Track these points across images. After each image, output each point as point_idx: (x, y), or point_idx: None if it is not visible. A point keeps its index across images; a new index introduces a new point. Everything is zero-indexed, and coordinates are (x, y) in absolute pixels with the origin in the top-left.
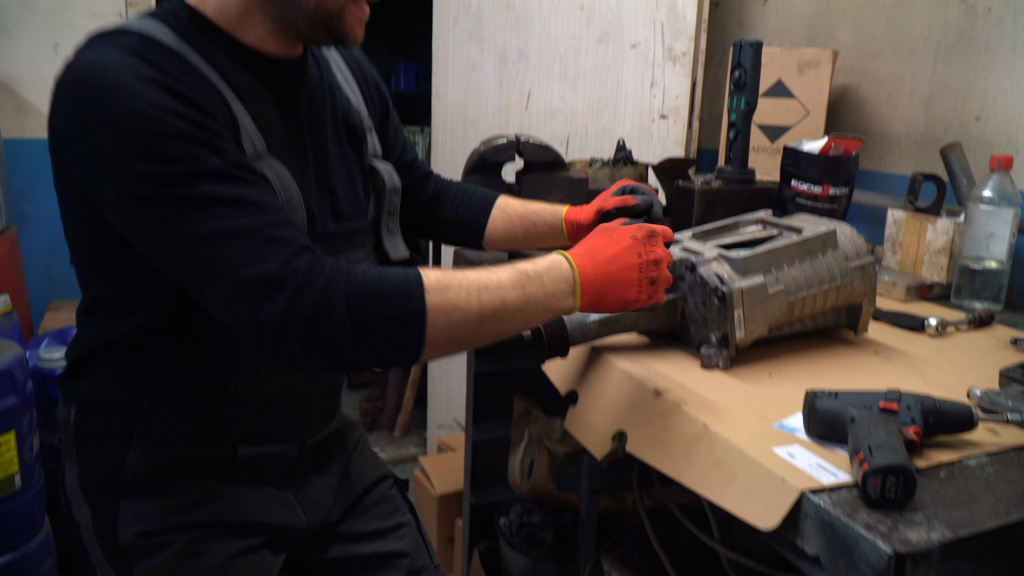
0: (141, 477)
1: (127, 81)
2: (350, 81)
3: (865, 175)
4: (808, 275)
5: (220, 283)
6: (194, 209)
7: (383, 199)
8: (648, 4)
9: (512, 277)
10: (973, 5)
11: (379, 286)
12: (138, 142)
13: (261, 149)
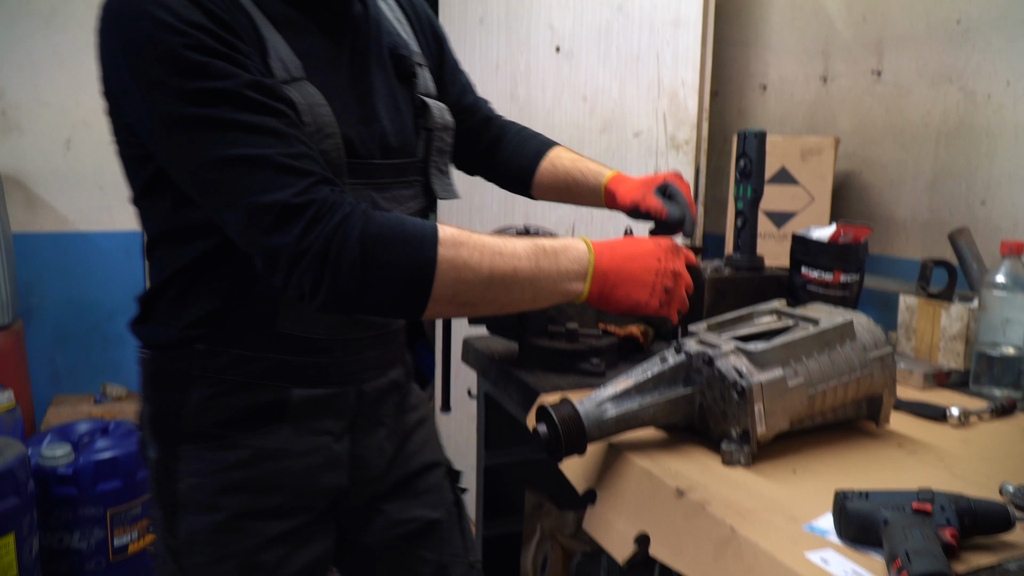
0: (199, 423)
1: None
2: (400, 19)
3: (872, 259)
4: (827, 367)
5: (238, 208)
6: (214, 131)
7: (432, 136)
8: (650, 94)
9: (528, 248)
10: (972, 92)
11: (394, 230)
12: (165, 56)
13: (297, 74)
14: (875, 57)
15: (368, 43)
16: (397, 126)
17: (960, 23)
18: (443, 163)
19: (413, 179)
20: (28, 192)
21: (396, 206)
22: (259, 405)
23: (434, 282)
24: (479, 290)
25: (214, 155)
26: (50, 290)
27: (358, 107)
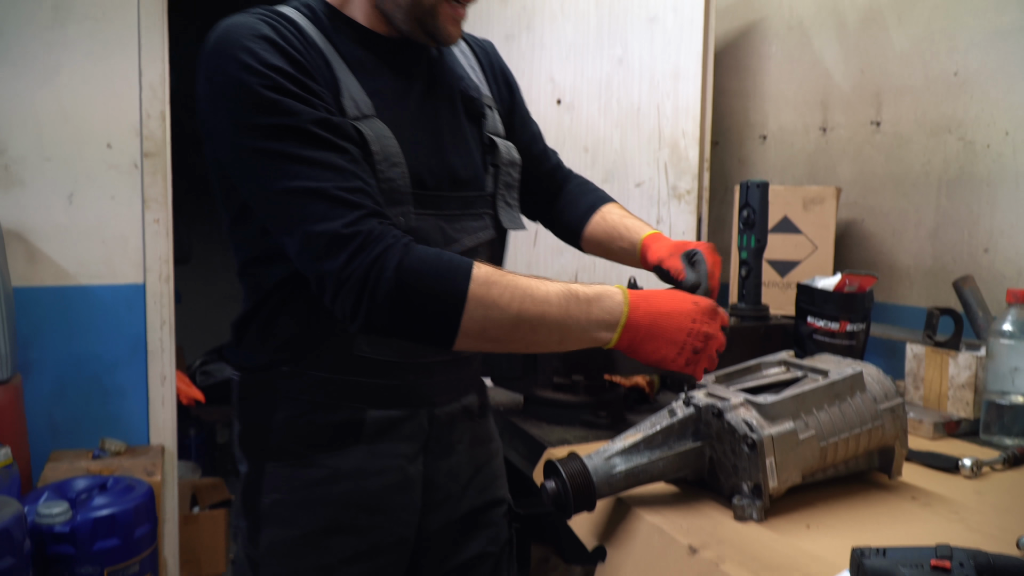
0: (283, 442)
1: (244, 38)
2: (473, 65)
3: (877, 307)
4: (838, 419)
5: (295, 235)
6: (280, 164)
7: (500, 172)
8: (651, 145)
9: (560, 293)
10: (972, 142)
11: (430, 264)
12: (245, 94)
13: (367, 111)
14: (874, 108)
15: (439, 84)
16: (465, 161)
17: (957, 75)
18: (511, 197)
19: (482, 211)
20: (29, 246)
21: (465, 236)
22: (337, 425)
23: (462, 317)
24: (506, 329)
25: (278, 186)
26: (50, 344)
27: (427, 142)
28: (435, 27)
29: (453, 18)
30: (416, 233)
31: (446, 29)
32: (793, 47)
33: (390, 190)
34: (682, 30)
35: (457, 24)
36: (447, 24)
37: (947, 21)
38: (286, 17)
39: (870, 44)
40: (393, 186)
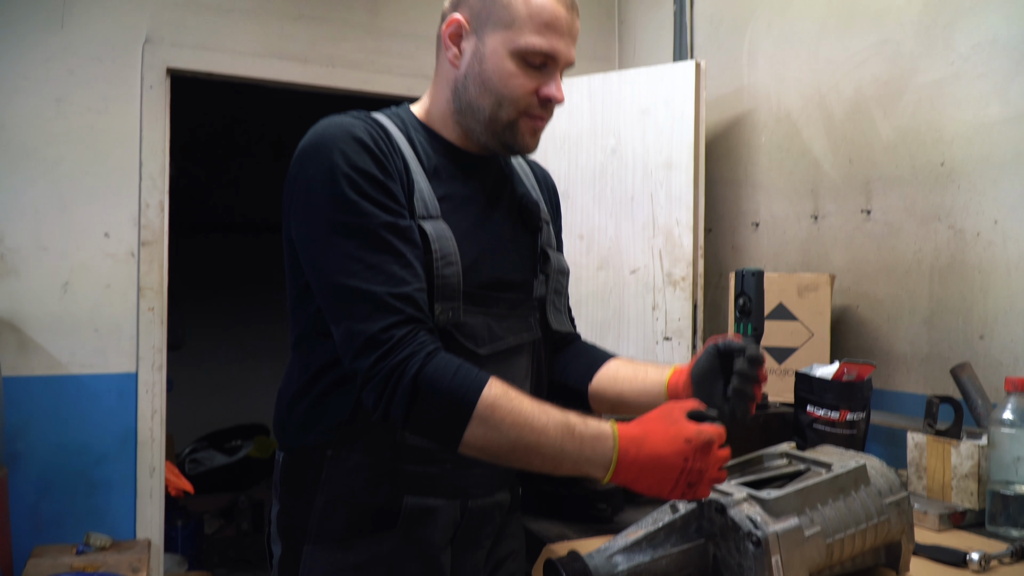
0: (323, 525)
1: (339, 139)
2: (532, 183)
3: (876, 394)
4: (844, 514)
5: (340, 327)
6: (341, 260)
7: (550, 279)
8: (645, 233)
9: (558, 426)
10: (961, 230)
11: (444, 378)
12: (328, 188)
13: (434, 212)
14: (863, 197)
15: (503, 195)
16: (518, 267)
17: (944, 165)
18: (559, 302)
19: (529, 314)
20: (21, 335)
21: (510, 335)
22: (376, 510)
23: (465, 431)
24: (503, 452)
25: (336, 280)
26: (38, 434)
27: (484, 246)
28: (514, 140)
29: (532, 130)
30: (464, 328)
31: (524, 141)
32: (782, 138)
33: (443, 285)
34: (673, 122)
35: (536, 136)
36: (526, 136)
37: (932, 113)
38: (378, 122)
39: (857, 135)
40: (447, 283)
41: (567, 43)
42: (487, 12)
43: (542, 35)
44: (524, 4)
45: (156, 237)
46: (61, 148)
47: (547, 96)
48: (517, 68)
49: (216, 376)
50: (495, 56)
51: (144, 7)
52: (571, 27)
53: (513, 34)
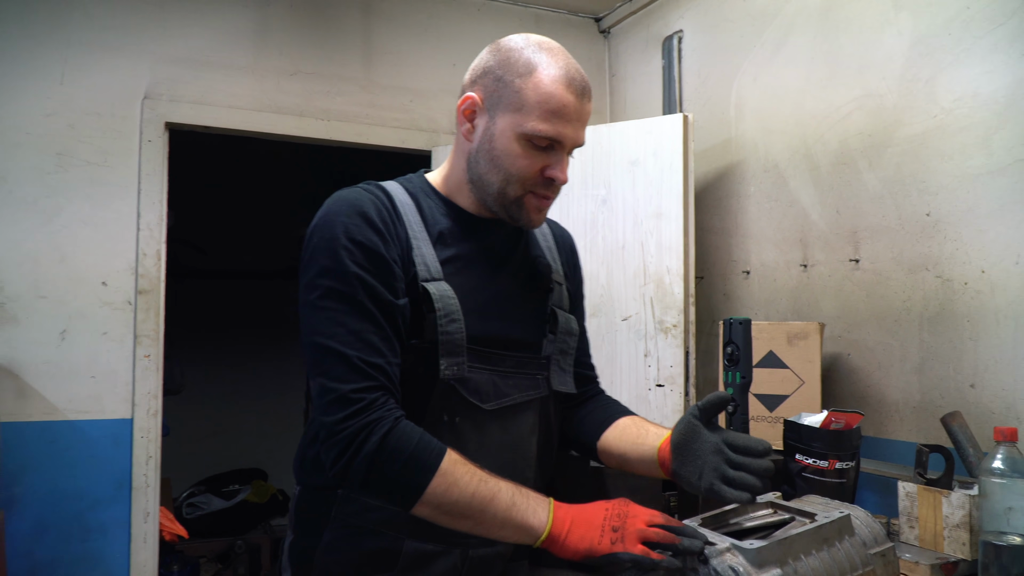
0: (327, 559)
1: (343, 213)
2: (550, 244)
3: (868, 442)
4: (828, 565)
5: (316, 381)
6: (325, 322)
7: (557, 339)
8: (636, 281)
9: (509, 487)
10: (949, 279)
11: (412, 440)
12: (326, 257)
13: (436, 275)
14: (851, 246)
15: (514, 257)
16: (527, 326)
17: (930, 215)
18: (565, 362)
19: (536, 372)
20: (19, 382)
21: (516, 392)
22: (375, 552)
23: (427, 487)
24: (462, 504)
25: (318, 338)
26: (34, 479)
27: (491, 304)
28: (519, 215)
29: (537, 207)
30: (468, 384)
31: (529, 217)
32: (770, 188)
33: (447, 342)
34: (662, 172)
35: (541, 212)
36: (531, 212)
37: (916, 165)
38: (386, 193)
39: (843, 187)
40: (451, 339)
41: (575, 128)
42: (499, 94)
43: (548, 122)
44: (533, 91)
45: (153, 285)
46: (60, 200)
47: (551, 177)
48: (524, 150)
49: (214, 420)
50: (504, 136)
51: (143, 64)
52: (579, 113)
53: (521, 118)
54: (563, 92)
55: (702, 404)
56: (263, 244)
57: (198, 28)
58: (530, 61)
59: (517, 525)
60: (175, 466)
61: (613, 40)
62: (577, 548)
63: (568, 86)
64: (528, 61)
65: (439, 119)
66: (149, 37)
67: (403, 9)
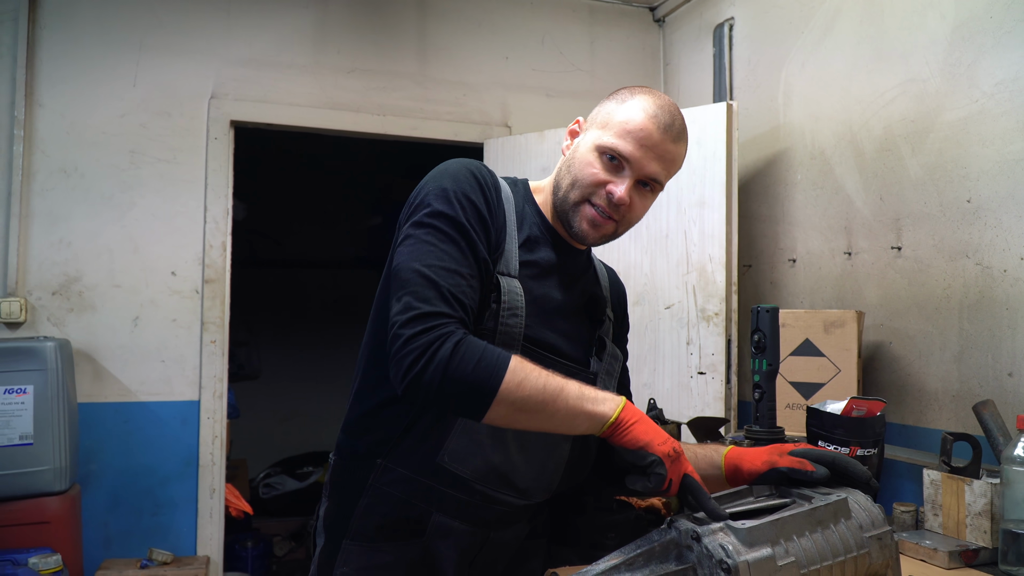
0: (361, 524)
1: (460, 171)
2: (605, 284)
3: (908, 431)
4: (821, 546)
5: (401, 300)
6: (427, 253)
7: (603, 360)
8: (679, 269)
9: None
10: (989, 267)
11: (480, 344)
12: (439, 202)
13: (513, 272)
14: (894, 234)
15: (578, 283)
16: (577, 345)
17: (971, 202)
18: (610, 383)
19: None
20: (96, 365)
21: None
22: (406, 519)
23: (504, 376)
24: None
25: (416, 266)
26: (109, 456)
27: (552, 315)
28: (574, 220)
29: (592, 220)
30: None
31: (581, 226)
32: (817, 175)
33: (505, 333)
34: (706, 161)
35: (596, 228)
36: (583, 222)
37: (958, 150)
38: (496, 179)
39: (887, 173)
40: (509, 331)
41: (646, 155)
42: (596, 116)
43: (622, 139)
44: (618, 111)
45: (218, 275)
46: (134, 195)
47: (611, 191)
48: (595, 159)
49: (290, 405)
50: (585, 147)
51: (209, 66)
52: (657, 145)
53: (602, 132)
54: (645, 119)
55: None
56: (336, 235)
57: (261, 30)
58: (631, 94)
59: (588, 413)
60: (252, 448)
61: (667, 29)
62: (638, 438)
63: (652, 117)
64: (629, 94)
65: (491, 112)
66: (215, 40)
67: (457, 5)
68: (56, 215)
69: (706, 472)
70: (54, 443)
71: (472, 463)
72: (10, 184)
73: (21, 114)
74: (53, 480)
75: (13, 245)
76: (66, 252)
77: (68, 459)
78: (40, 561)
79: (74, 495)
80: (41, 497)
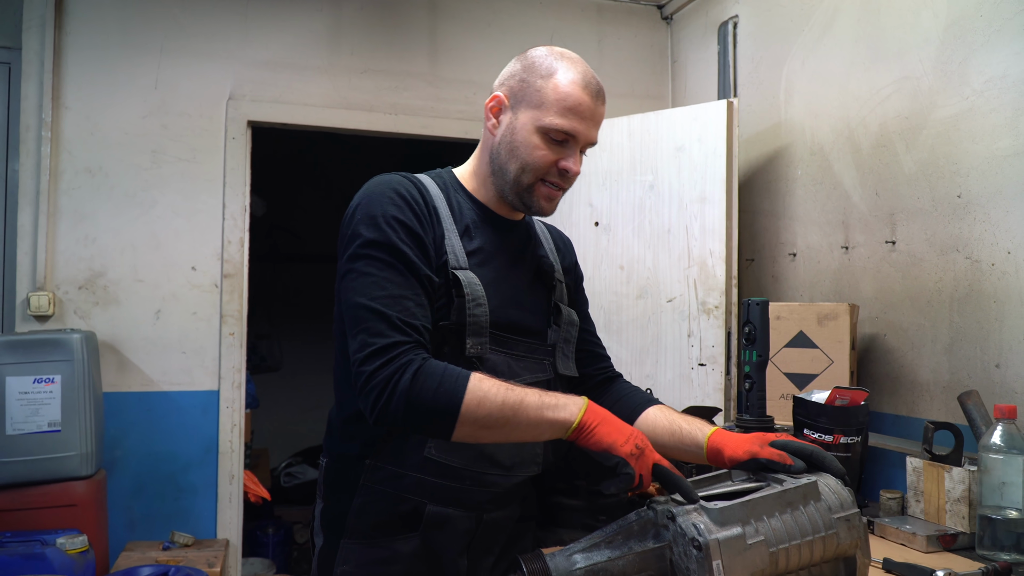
0: (357, 523)
1: (383, 194)
2: (551, 247)
3: (901, 421)
4: (790, 526)
5: (356, 338)
6: (370, 286)
7: (560, 329)
8: (680, 263)
9: (535, 391)
10: (978, 260)
11: (439, 368)
12: (370, 231)
13: (464, 264)
14: (889, 228)
15: (524, 254)
16: (535, 316)
17: (961, 197)
18: (568, 349)
19: (544, 357)
20: (120, 356)
21: (527, 373)
22: (401, 514)
23: (463, 401)
24: (495, 410)
25: (361, 300)
26: (132, 443)
27: (507, 295)
28: (531, 202)
29: (548, 196)
30: (487, 363)
31: (539, 204)
32: (816, 170)
33: (474, 323)
34: (706, 158)
35: (551, 201)
36: (541, 200)
37: (949, 147)
38: (420, 183)
39: (882, 168)
40: (477, 320)
41: (588, 126)
42: (523, 93)
43: (565, 117)
44: (553, 90)
45: (237, 270)
46: (155, 193)
47: (564, 168)
48: (541, 142)
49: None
50: (524, 129)
51: (228, 68)
52: (593, 113)
53: (541, 113)
54: (579, 92)
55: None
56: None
57: (277, 33)
58: (551, 66)
59: (550, 422)
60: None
61: (675, 26)
62: (601, 440)
63: (584, 88)
64: (549, 66)
65: None
66: (233, 43)
67: (467, 6)
68: (82, 213)
69: (688, 449)
70: (80, 430)
71: (459, 451)
72: (38, 183)
73: (48, 116)
74: (79, 465)
75: (41, 242)
76: (91, 248)
77: (94, 445)
78: (67, 541)
79: (100, 480)
80: (68, 481)
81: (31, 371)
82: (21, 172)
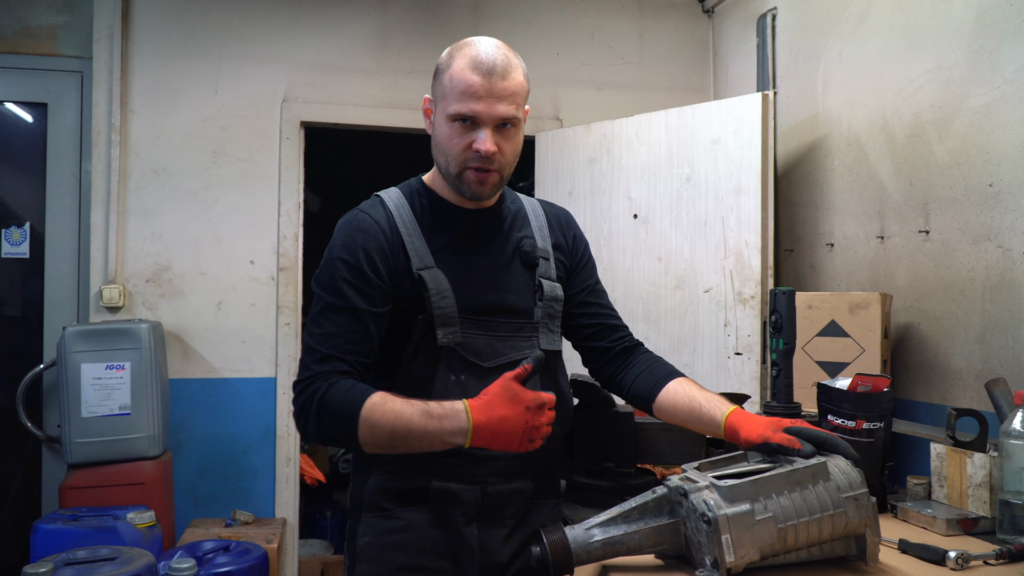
0: (373, 499)
1: (341, 233)
2: (541, 223)
3: (935, 409)
4: (799, 504)
5: (301, 360)
6: (313, 324)
7: (544, 305)
8: (717, 254)
9: (420, 415)
10: (1009, 249)
11: (339, 396)
12: (326, 271)
13: (428, 263)
14: (922, 218)
15: (496, 238)
16: (518, 296)
17: (992, 186)
18: (553, 325)
19: (531, 334)
20: (185, 345)
21: (512, 351)
22: (409, 490)
23: (358, 436)
24: (386, 441)
25: (304, 335)
26: (196, 427)
27: (482, 281)
28: (464, 188)
29: (478, 180)
30: (468, 347)
31: (472, 189)
32: (852, 161)
33: (442, 315)
34: (742, 150)
35: (483, 184)
36: (473, 185)
37: (981, 136)
38: (378, 205)
39: (916, 158)
40: (444, 312)
41: (487, 104)
42: (436, 91)
43: (460, 101)
44: (448, 80)
45: (291, 264)
46: (216, 191)
47: (476, 149)
48: (452, 130)
49: None
50: (440, 124)
51: (282, 72)
52: (490, 90)
53: (446, 104)
54: (469, 75)
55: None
56: None
57: (328, 37)
58: (449, 58)
59: (441, 432)
60: None
61: (716, 19)
62: (498, 449)
63: (474, 69)
64: (448, 59)
65: (543, 106)
66: (286, 48)
67: (510, 6)
68: (148, 211)
69: (706, 425)
70: (148, 413)
71: None
72: (109, 183)
73: (117, 120)
74: (148, 446)
75: (112, 238)
76: (157, 244)
77: (160, 428)
78: (136, 516)
79: (166, 460)
80: (137, 461)
81: (103, 358)
82: (93, 173)
